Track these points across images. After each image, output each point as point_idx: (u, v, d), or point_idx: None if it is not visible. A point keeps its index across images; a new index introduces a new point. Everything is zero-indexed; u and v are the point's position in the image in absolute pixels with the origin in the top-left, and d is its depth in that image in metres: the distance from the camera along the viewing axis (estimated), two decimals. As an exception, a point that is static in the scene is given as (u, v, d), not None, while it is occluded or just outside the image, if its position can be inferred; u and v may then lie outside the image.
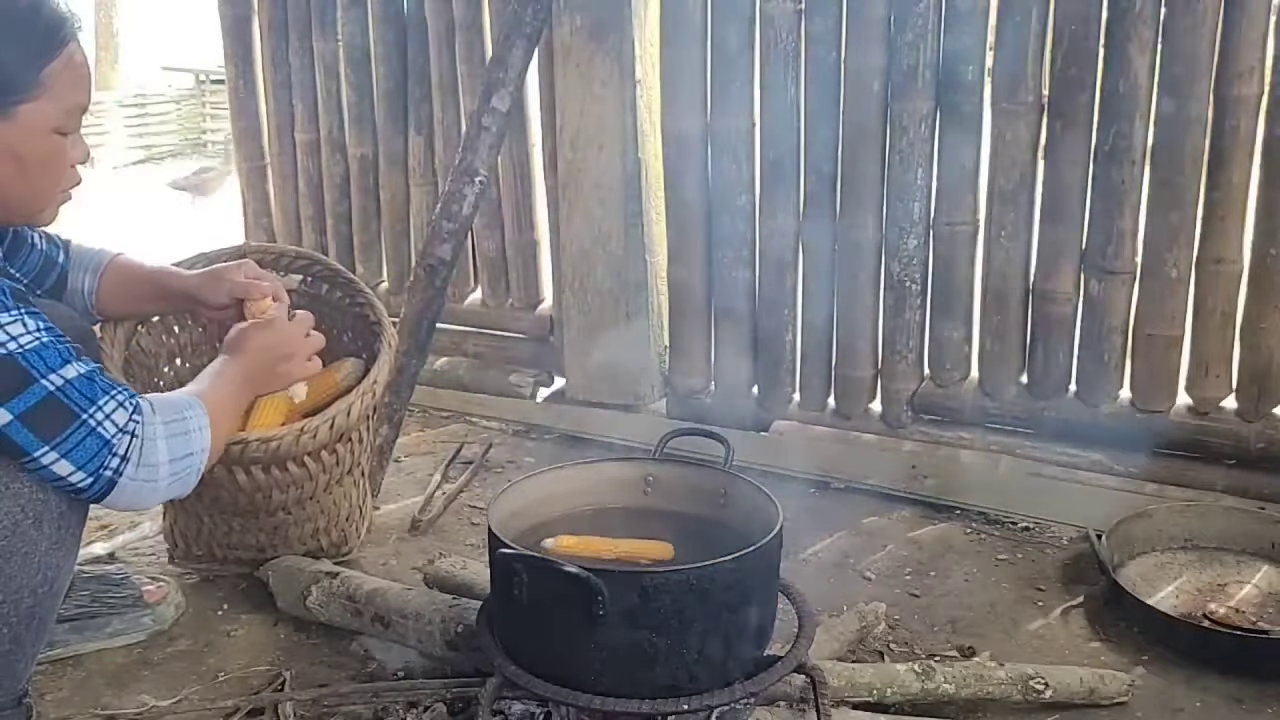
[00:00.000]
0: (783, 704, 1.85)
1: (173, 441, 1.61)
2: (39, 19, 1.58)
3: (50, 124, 1.61)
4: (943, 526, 2.71)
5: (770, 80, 2.94)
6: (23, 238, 1.99)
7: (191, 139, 14.78)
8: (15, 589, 1.58)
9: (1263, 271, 2.60)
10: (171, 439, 1.61)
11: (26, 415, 1.49)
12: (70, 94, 1.62)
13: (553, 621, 1.62)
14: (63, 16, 1.60)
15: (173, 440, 1.61)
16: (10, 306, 1.50)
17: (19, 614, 1.61)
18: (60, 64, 1.59)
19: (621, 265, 3.23)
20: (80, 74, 1.64)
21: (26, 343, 1.49)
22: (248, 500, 2.26)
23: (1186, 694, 2.02)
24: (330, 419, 2.17)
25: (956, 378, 2.98)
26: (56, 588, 1.66)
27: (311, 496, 2.33)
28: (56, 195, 1.71)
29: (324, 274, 2.60)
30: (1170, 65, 2.55)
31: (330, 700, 1.96)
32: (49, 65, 1.58)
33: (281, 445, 2.11)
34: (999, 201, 2.80)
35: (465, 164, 2.95)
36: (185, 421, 1.64)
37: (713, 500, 1.95)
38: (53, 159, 1.65)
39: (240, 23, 3.93)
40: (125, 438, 1.55)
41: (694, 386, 3.28)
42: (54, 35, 1.59)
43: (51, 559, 1.62)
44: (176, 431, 1.62)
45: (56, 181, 1.69)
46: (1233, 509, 2.54)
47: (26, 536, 1.56)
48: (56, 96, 1.60)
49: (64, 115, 1.63)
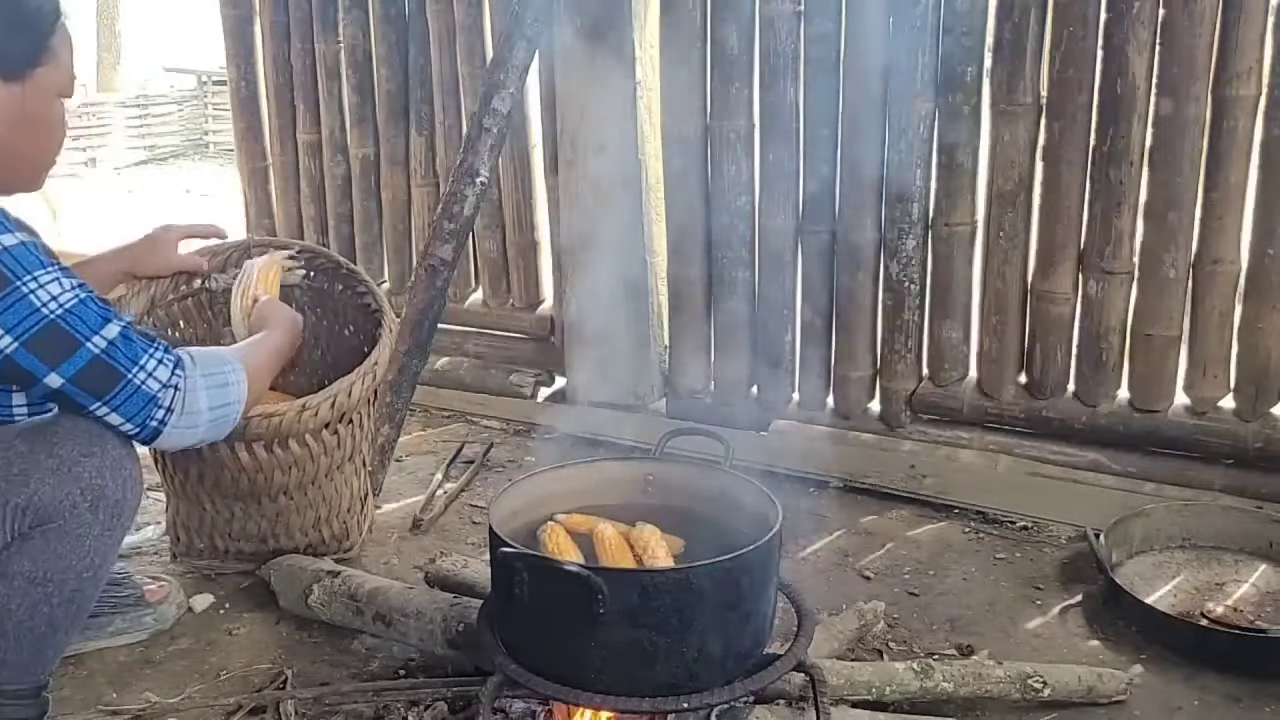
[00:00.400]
0: (782, 702, 1.85)
1: (213, 391, 1.75)
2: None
3: (57, 88, 1.73)
4: (941, 526, 2.72)
5: (770, 80, 2.95)
6: None
7: (193, 140, 14.79)
8: (62, 570, 1.66)
9: (1260, 272, 2.61)
10: (211, 389, 1.75)
11: (77, 378, 1.61)
12: (67, 60, 1.75)
13: (553, 620, 1.63)
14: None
15: (212, 390, 1.75)
16: (47, 263, 1.60)
17: (61, 596, 1.68)
18: (60, 35, 1.72)
19: (621, 265, 3.23)
20: (71, 44, 1.77)
21: (67, 301, 1.59)
22: (249, 482, 2.29)
23: (1184, 693, 2.03)
24: (331, 397, 2.21)
25: (955, 377, 2.98)
26: (100, 575, 1.73)
27: (313, 481, 2.36)
28: (52, 160, 1.81)
29: (326, 266, 2.62)
30: (1168, 66, 2.56)
31: (332, 698, 1.97)
32: (53, 35, 1.70)
33: (283, 421, 2.16)
34: (998, 202, 2.81)
35: (466, 165, 2.96)
36: (224, 374, 1.79)
37: (712, 500, 1.95)
38: (58, 121, 1.77)
39: (242, 24, 3.94)
40: (169, 391, 1.69)
41: (694, 386, 3.29)
42: (55, 9, 1.71)
43: (101, 545, 1.69)
44: (216, 383, 1.76)
45: (59, 143, 1.80)
46: (1230, 508, 2.55)
47: (82, 519, 1.64)
48: (60, 63, 1.72)
49: (67, 80, 1.75)
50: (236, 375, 1.81)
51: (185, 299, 2.58)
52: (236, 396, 1.81)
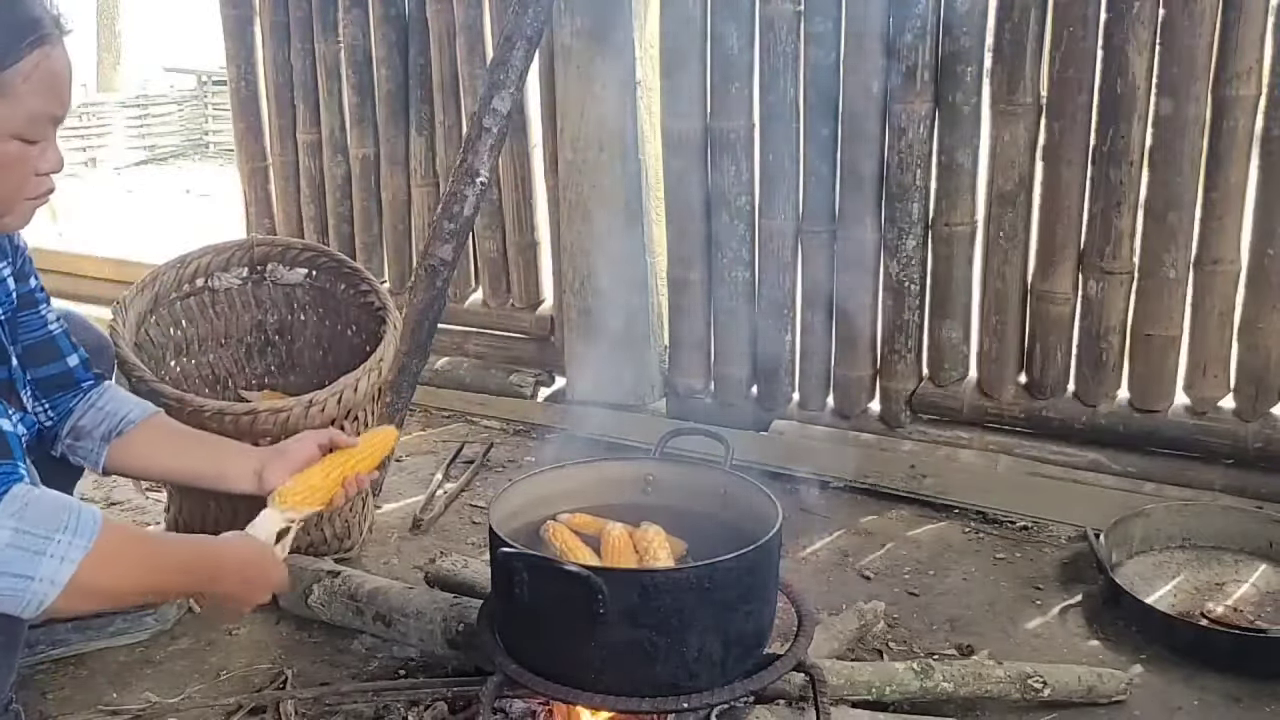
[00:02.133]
0: (782, 702, 1.86)
1: (11, 552, 1.34)
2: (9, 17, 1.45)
3: (8, 129, 1.46)
4: (941, 525, 2.72)
5: (770, 81, 2.95)
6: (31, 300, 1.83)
7: (193, 140, 14.79)
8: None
9: (1260, 272, 2.61)
10: (11, 548, 1.34)
11: None
12: (37, 101, 1.48)
13: (554, 620, 1.63)
14: (36, 18, 1.47)
15: (12, 550, 1.34)
16: None
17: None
18: (28, 67, 1.45)
19: (621, 265, 3.24)
20: (53, 82, 1.49)
21: None
22: None
23: (1184, 692, 2.03)
24: (338, 393, 2.21)
25: (955, 377, 2.99)
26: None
27: None
28: (17, 202, 1.56)
29: (329, 265, 2.63)
30: (1168, 66, 2.56)
31: (332, 698, 1.97)
32: (14, 67, 1.44)
33: (290, 417, 2.16)
34: (997, 202, 2.81)
35: (466, 165, 2.96)
36: (45, 542, 1.36)
37: (712, 499, 1.96)
38: (11, 166, 1.50)
39: (242, 24, 3.94)
40: None
41: (694, 386, 3.29)
42: (23, 36, 1.45)
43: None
44: (25, 545, 1.35)
45: (17, 189, 1.54)
46: (1230, 508, 2.55)
47: None
48: (20, 101, 1.45)
49: (27, 122, 1.48)
50: (66, 552, 1.36)
51: (188, 297, 2.58)
52: (49, 575, 1.35)
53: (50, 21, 1.50)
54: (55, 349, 1.86)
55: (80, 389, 1.89)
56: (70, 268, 4.85)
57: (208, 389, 2.65)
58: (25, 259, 1.81)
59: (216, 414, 2.17)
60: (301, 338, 2.76)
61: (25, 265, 1.81)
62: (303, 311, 2.74)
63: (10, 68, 1.44)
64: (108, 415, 1.88)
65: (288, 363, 2.76)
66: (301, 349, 2.76)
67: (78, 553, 1.37)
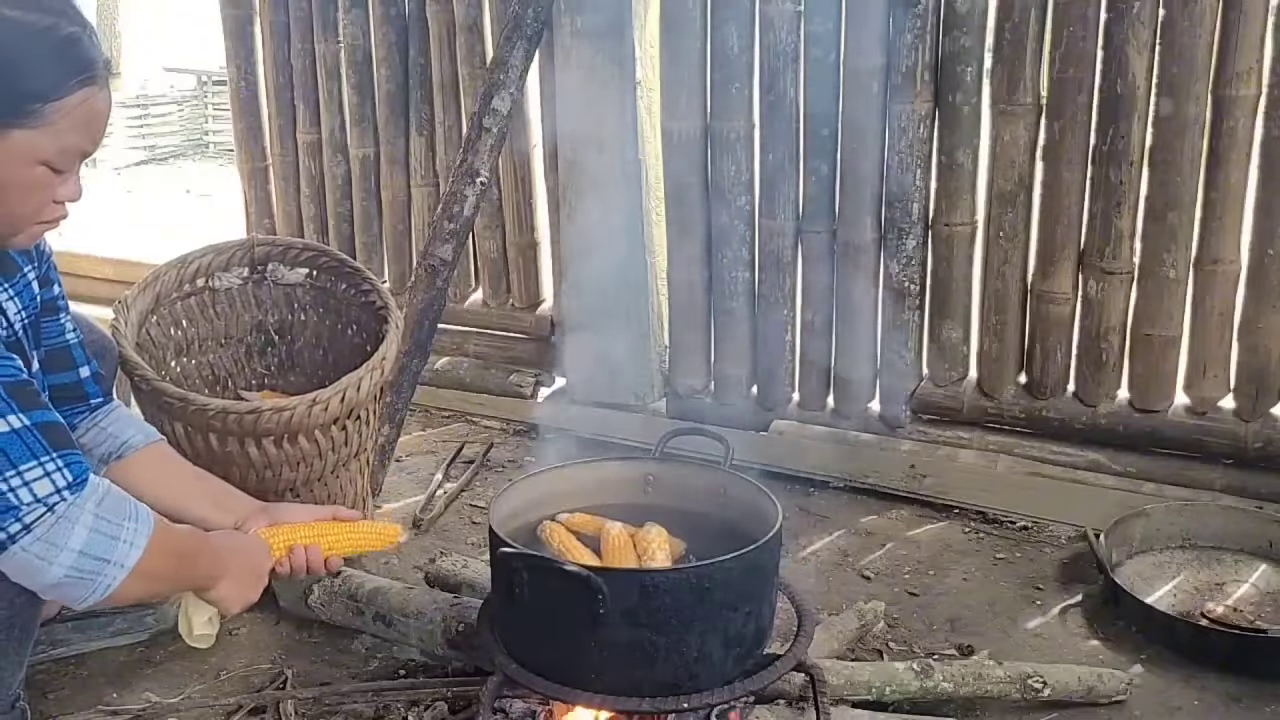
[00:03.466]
0: (782, 702, 1.86)
1: (94, 536, 1.47)
2: (66, 53, 1.50)
3: (40, 156, 1.51)
4: (941, 526, 2.72)
5: (770, 81, 2.95)
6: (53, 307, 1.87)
7: (194, 140, 14.79)
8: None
9: (1260, 272, 2.61)
10: (95, 533, 1.47)
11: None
12: (73, 136, 1.52)
13: (554, 620, 1.63)
14: (91, 59, 1.52)
15: (95, 535, 1.47)
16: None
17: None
18: (74, 103, 1.50)
19: (621, 265, 3.23)
20: (91, 121, 1.55)
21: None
22: (258, 479, 2.28)
23: (1184, 692, 2.03)
24: (341, 391, 2.21)
25: (955, 377, 2.99)
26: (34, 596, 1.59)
27: (319, 478, 2.36)
28: (30, 225, 1.60)
29: (329, 265, 2.63)
30: (1168, 66, 2.56)
31: (332, 699, 1.97)
32: (60, 100, 1.49)
33: (294, 416, 2.17)
34: (997, 202, 2.81)
35: (466, 165, 2.96)
36: (119, 528, 1.50)
37: (712, 499, 1.96)
38: (33, 190, 1.54)
39: (242, 24, 3.94)
40: (39, 508, 1.44)
41: (694, 386, 3.29)
42: (75, 74, 1.50)
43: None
44: (104, 530, 1.48)
45: (35, 212, 1.58)
46: (1230, 508, 2.55)
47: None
48: (58, 133, 1.50)
49: (58, 153, 1.52)
50: (135, 539, 1.51)
51: (189, 297, 2.58)
52: (122, 560, 1.49)
53: (101, 64, 1.55)
54: (70, 358, 1.89)
55: (88, 405, 1.91)
56: (70, 268, 4.83)
57: (207, 389, 2.65)
58: (50, 264, 1.84)
59: (220, 413, 2.17)
60: (302, 338, 2.76)
61: (50, 271, 1.84)
62: (303, 311, 2.74)
63: (56, 101, 1.49)
64: (110, 437, 1.91)
65: (288, 363, 2.76)
66: (302, 349, 2.76)
67: (143, 539, 1.52)
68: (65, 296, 1.89)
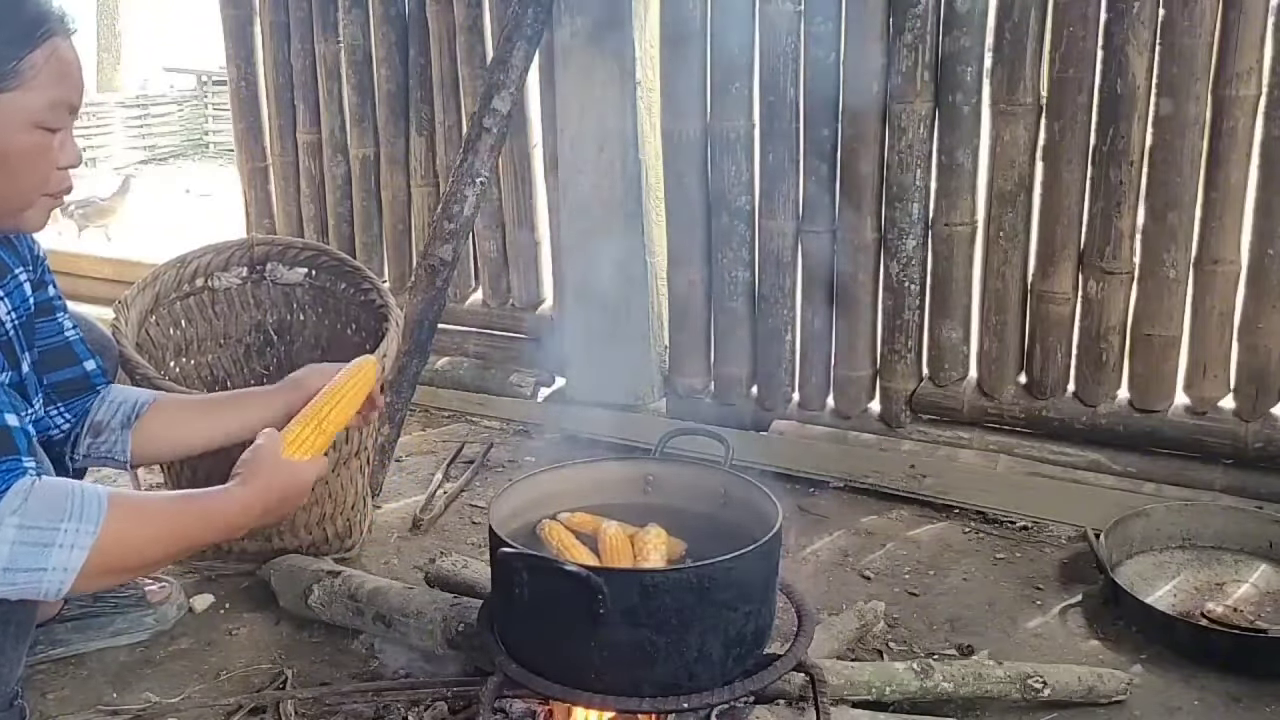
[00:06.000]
0: (782, 702, 1.86)
1: (18, 549, 1.38)
2: (20, 10, 1.53)
3: (31, 117, 1.54)
4: (941, 526, 2.72)
5: (770, 81, 2.95)
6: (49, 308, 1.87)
7: (193, 140, 14.80)
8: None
9: (1260, 272, 2.61)
10: (18, 545, 1.38)
11: None
12: (54, 88, 1.55)
13: (554, 620, 1.63)
14: (46, 11, 1.55)
15: (19, 548, 1.38)
16: None
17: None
18: (41, 56, 1.53)
19: (621, 265, 3.24)
20: (66, 70, 1.57)
21: None
22: None
23: (1184, 693, 2.03)
24: None
25: (955, 377, 2.99)
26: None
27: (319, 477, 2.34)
28: (40, 196, 1.62)
29: (329, 264, 2.63)
30: (1168, 66, 2.56)
31: (332, 699, 1.97)
32: (28, 55, 1.51)
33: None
34: (997, 202, 2.81)
35: (466, 165, 2.96)
36: (52, 533, 1.40)
37: (712, 499, 1.96)
38: (36, 155, 1.57)
39: (242, 24, 3.94)
40: None
41: (694, 386, 3.29)
42: (35, 27, 1.53)
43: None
44: (31, 540, 1.39)
45: (43, 180, 1.60)
46: (1230, 508, 2.55)
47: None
48: (38, 88, 1.53)
49: (47, 109, 1.55)
50: (79, 539, 1.40)
51: (188, 297, 2.58)
52: (61, 564, 1.39)
53: (57, 17, 1.57)
54: (72, 354, 1.91)
55: (96, 392, 1.94)
56: (69, 267, 4.85)
57: (206, 390, 2.65)
58: (44, 268, 1.86)
59: None
60: (301, 337, 2.76)
61: (44, 274, 1.86)
62: (302, 311, 2.74)
63: (24, 59, 1.52)
64: (120, 404, 1.93)
65: (287, 362, 2.76)
66: (301, 349, 2.76)
67: (86, 539, 1.41)
68: (62, 297, 1.91)
